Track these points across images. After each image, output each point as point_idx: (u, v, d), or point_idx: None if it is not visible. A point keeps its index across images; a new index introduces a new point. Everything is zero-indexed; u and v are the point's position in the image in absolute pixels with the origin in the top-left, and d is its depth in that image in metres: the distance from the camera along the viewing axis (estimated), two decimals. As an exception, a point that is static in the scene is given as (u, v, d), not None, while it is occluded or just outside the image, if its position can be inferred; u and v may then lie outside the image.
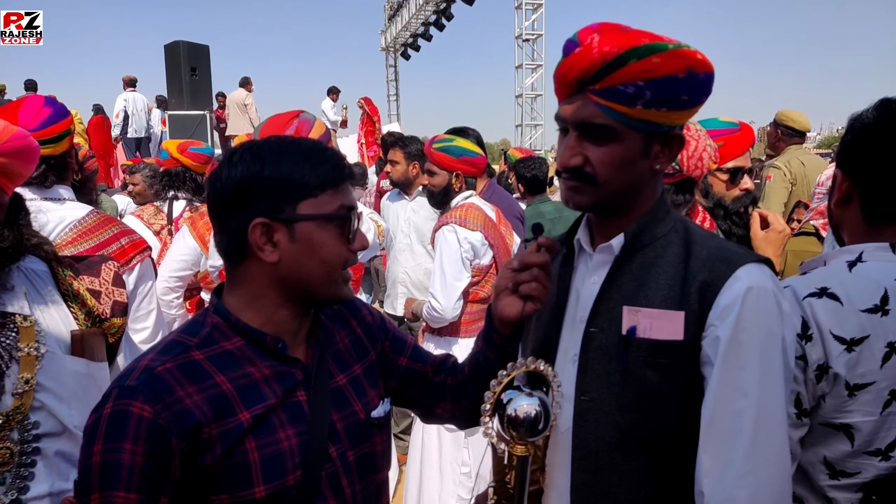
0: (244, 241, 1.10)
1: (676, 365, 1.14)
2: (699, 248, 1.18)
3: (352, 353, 1.27)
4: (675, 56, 1.09)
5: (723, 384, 1.10)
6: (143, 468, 0.99)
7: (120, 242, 2.17)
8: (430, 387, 1.37)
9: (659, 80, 1.09)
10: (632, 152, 1.16)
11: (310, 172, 1.10)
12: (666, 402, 1.15)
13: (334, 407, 1.18)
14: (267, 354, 1.14)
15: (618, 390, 1.17)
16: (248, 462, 1.06)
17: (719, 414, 1.10)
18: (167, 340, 1.13)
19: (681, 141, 1.20)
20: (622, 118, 1.13)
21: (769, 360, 1.10)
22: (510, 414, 1.10)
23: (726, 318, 1.10)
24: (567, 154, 1.18)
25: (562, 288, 1.30)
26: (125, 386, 1.03)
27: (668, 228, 1.22)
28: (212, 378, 1.07)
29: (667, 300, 1.15)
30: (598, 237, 1.27)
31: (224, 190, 1.11)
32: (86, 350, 1.39)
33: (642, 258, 1.20)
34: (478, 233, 3.08)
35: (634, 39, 1.09)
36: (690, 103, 1.13)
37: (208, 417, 1.04)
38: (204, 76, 10.03)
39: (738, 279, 1.11)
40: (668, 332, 1.13)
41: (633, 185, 1.20)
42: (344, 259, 1.15)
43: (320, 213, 1.11)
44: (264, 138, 1.15)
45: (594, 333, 1.21)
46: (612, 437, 1.17)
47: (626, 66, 1.08)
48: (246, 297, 1.15)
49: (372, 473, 1.23)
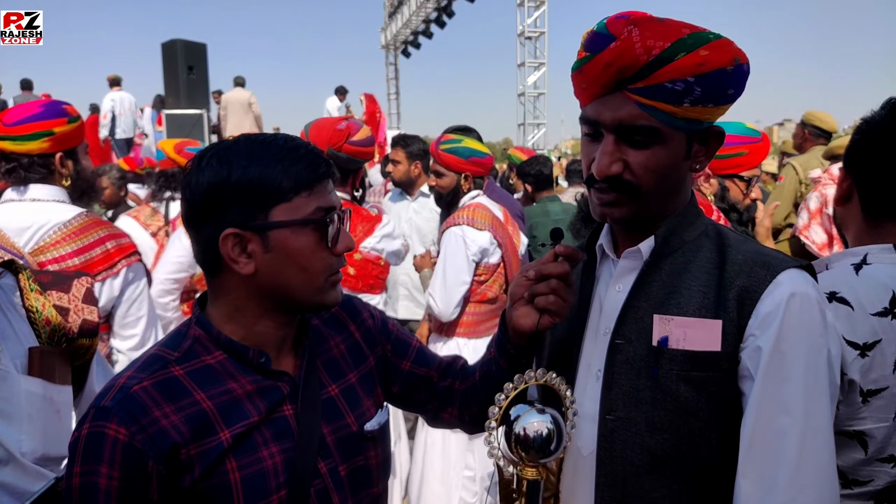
0: (217, 252, 1.03)
1: (713, 379, 1.04)
2: (734, 252, 1.09)
3: (347, 359, 1.20)
4: (720, 47, 1.01)
5: (764, 399, 1.01)
6: (119, 493, 0.96)
7: (105, 246, 2.12)
8: (436, 391, 1.29)
9: (709, 75, 1.00)
10: (676, 155, 1.07)
11: (281, 175, 1.02)
12: (702, 420, 1.05)
13: (325, 420, 1.11)
14: (250, 369, 1.07)
15: (647, 408, 1.07)
16: (229, 483, 1.00)
17: (760, 433, 1.01)
18: (148, 354, 1.07)
19: (719, 137, 1.11)
20: (668, 118, 1.03)
21: (814, 373, 1.01)
22: (518, 432, 1.00)
23: (768, 328, 1.01)
24: (606, 161, 1.07)
25: (583, 298, 1.20)
26: (101, 406, 0.98)
27: (699, 232, 1.14)
28: (191, 396, 1.01)
29: (701, 308, 1.06)
30: (622, 242, 1.18)
31: (192, 198, 1.04)
32: (44, 370, 1.28)
33: (672, 263, 1.12)
34: (486, 232, 3.05)
35: (676, 31, 1.00)
36: (734, 96, 1.05)
37: (186, 438, 0.98)
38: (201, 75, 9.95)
39: (780, 285, 1.03)
40: (704, 342, 1.04)
41: (673, 190, 1.11)
42: (326, 265, 1.07)
43: (294, 218, 1.03)
44: (235, 138, 1.07)
45: (620, 345, 1.11)
46: (641, 461, 1.07)
47: (675, 60, 0.99)
48: (226, 310, 1.08)
49: (367, 487, 1.16)
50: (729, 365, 1.04)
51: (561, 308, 1.12)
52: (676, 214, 1.13)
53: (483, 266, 3.08)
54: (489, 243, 3.06)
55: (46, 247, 2.04)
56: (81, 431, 0.99)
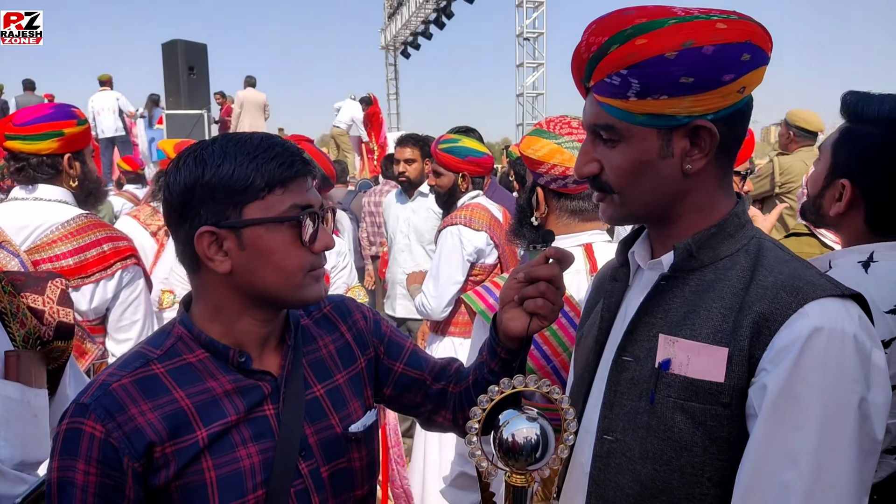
0: (195, 251, 1.04)
1: (712, 413, 0.94)
2: (765, 273, 0.96)
3: (336, 360, 1.20)
4: (668, 32, 0.91)
5: (767, 446, 0.89)
6: (97, 488, 0.97)
7: (101, 248, 2.14)
8: (429, 394, 1.29)
9: (642, 65, 0.92)
10: (645, 153, 0.99)
11: (254, 172, 1.02)
12: (696, 456, 0.95)
13: (308, 420, 1.11)
14: (231, 368, 1.08)
15: (643, 434, 0.99)
16: (204, 482, 1.01)
17: (759, 484, 0.89)
18: (131, 352, 1.08)
19: (711, 133, 0.97)
20: (622, 114, 0.97)
21: (834, 424, 0.87)
22: (506, 438, 0.96)
23: (780, 364, 0.89)
24: (581, 160, 1.05)
25: (609, 306, 1.13)
26: (80, 403, 1.00)
27: (739, 247, 1.01)
28: (169, 394, 1.02)
29: (716, 333, 0.95)
30: (657, 250, 1.09)
31: (170, 198, 1.05)
32: (21, 374, 1.27)
33: (699, 280, 1.01)
34: (483, 233, 3.07)
35: (627, 22, 0.94)
36: (702, 85, 0.93)
37: (162, 436, 0.99)
38: (202, 75, 9.95)
39: (805, 316, 0.89)
40: (706, 370, 0.94)
41: (662, 193, 1.01)
42: (303, 262, 1.06)
43: (267, 216, 1.03)
44: (213, 138, 1.08)
45: (627, 363, 1.04)
46: (631, 489, 1.00)
47: (608, 54, 0.94)
48: (207, 308, 1.09)
49: (349, 490, 1.16)
50: (733, 400, 0.93)
51: (550, 312, 1.11)
52: (711, 226, 1.01)
53: (479, 266, 3.10)
54: (486, 244, 3.08)
55: (42, 246, 2.06)
56: (61, 427, 1.00)
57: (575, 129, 1.68)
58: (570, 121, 1.72)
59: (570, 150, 1.63)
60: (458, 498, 1.79)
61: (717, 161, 1.01)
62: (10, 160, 2.11)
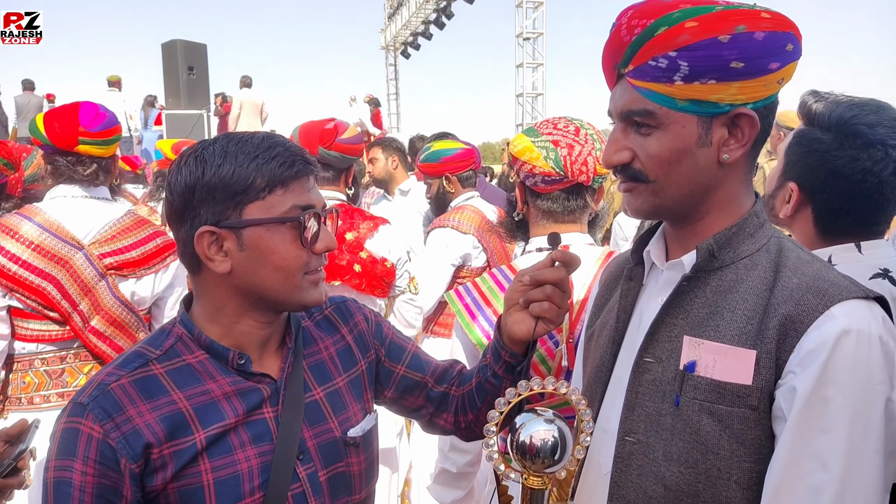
0: (195, 251, 1.03)
1: (739, 415, 0.93)
2: (789, 275, 0.96)
3: (337, 363, 1.19)
4: (719, 17, 0.90)
5: (797, 449, 0.89)
6: (94, 488, 0.97)
7: (156, 241, 2.36)
8: (430, 397, 1.27)
9: (694, 47, 0.91)
10: (684, 141, 0.96)
11: (254, 172, 1.01)
12: (723, 459, 0.94)
13: (307, 423, 1.10)
14: (230, 369, 1.06)
15: (667, 435, 0.98)
16: (202, 484, 1.00)
17: (789, 487, 0.89)
18: (130, 352, 1.07)
19: (752, 122, 0.96)
20: (664, 99, 0.95)
21: (863, 426, 0.87)
22: (524, 440, 0.95)
23: (809, 367, 0.88)
24: (610, 149, 1.02)
25: (624, 307, 1.12)
26: (78, 402, 0.99)
27: (759, 246, 1.01)
28: (168, 395, 1.01)
29: (741, 335, 0.94)
30: (673, 249, 1.08)
31: (171, 198, 1.05)
32: None
33: (720, 280, 1.00)
34: (470, 235, 3.09)
35: (671, 6, 0.93)
36: (751, 71, 0.92)
37: (160, 438, 0.98)
38: (201, 75, 9.95)
39: (832, 318, 0.89)
40: (733, 373, 0.93)
41: (697, 183, 0.99)
42: (303, 263, 1.05)
43: (268, 216, 1.02)
44: (214, 137, 1.07)
45: (649, 364, 1.03)
46: (654, 491, 0.99)
47: (655, 36, 0.92)
48: (207, 309, 1.08)
49: (347, 494, 1.14)
50: (760, 402, 0.93)
51: (556, 315, 1.10)
52: (733, 225, 1.01)
53: (466, 269, 3.12)
54: (472, 247, 3.10)
55: (105, 240, 2.26)
56: (59, 426, 1.00)
57: (557, 130, 1.69)
58: (559, 121, 1.72)
59: (539, 150, 1.65)
60: (441, 494, 1.82)
61: (748, 154, 1.01)
62: (77, 163, 2.25)
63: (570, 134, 1.66)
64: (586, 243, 1.73)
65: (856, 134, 1.36)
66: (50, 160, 2.26)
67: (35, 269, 2.12)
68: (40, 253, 2.13)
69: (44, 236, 2.15)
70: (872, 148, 1.34)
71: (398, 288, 2.64)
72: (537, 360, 1.62)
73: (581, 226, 1.74)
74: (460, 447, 1.72)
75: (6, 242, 2.11)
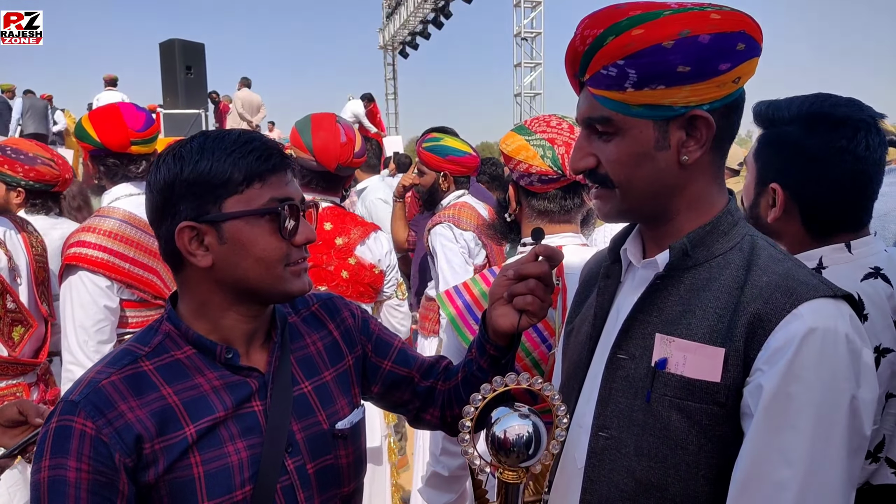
0: (176, 247, 1.05)
1: (708, 412, 0.94)
2: (760, 273, 0.97)
3: (324, 357, 1.21)
4: (663, 23, 0.91)
5: (763, 445, 0.90)
6: (89, 485, 0.97)
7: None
8: (417, 392, 1.29)
9: (639, 55, 0.92)
10: (642, 144, 0.98)
11: (231, 167, 1.03)
12: (691, 454, 0.96)
13: (295, 416, 1.12)
14: (218, 364, 1.08)
15: (638, 431, 1.00)
16: (193, 477, 1.02)
17: (754, 482, 0.90)
18: (119, 349, 1.08)
19: (708, 123, 0.97)
20: (619, 106, 0.97)
21: (827, 423, 0.88)
22: (498, 435, 0.96)
23: (775, 364, 0.89)
24: (576, 155, 1.04)
25: (601, 304, 1.14)
26: (69, 401, 1.00)
27: (732, 244, 1.02)
28: (158, 391, 1.03)
29: (712, 333, 0.96)
30: (649, 248, 1.10)
31: (151, 196, 1.07)
32: None
33: (693, 278, 1.01)
34: (470, 232, 3.09)
35: (621, 14, 0.94)
36: (699, 73, 0.92)
37: (151, 432, 1.00)
38: (199, 75, 9.97)
39: (799, 317, 0.90)
40: (702, 370, 0.94)
41: (661, 185, 1.01)
42: (283, 254, 1.07)
43: (247, 209, 1.04)
44: (191, 136, 1.09)
45: (622, 361, 1.04)
46: (626, 486, 1.01)
47: (605, 45, 0.94)
48: (193, 305, 1.10)
49: (335, 487, 1.16)
50: (728, 399, 0.93)
51: (539, 309, 1.11)
52: (706, 224, 1.02)
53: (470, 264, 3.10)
54: (474, 243, 3.10)
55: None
56: (50, 426, 1.00)
57: (551, 128, 1.67)
58: (550, 119, 1.70)
59: (536, 148, 1.63)
60: (433, 497, 1.81)
61: (712, 153, 1.02)
62: (129, 162, 2.39)
63: (564, 132, 1.65)
64: (579, 243, 1.71)
65: (821, 117, 1.36)
66: (102, 162, 2.38)
67: (142, 264, 2.28)
68: (140, 249, 2.28)
69: (138, 233, 2.30)
70: (843, 126, 1.35)
71: (385, 293, 2.64)
72: (530, 364, 1.62)
73: (574, 225, 1.73)
74: (452, 451, 1.71)
75: (112, 244, 2.24)
